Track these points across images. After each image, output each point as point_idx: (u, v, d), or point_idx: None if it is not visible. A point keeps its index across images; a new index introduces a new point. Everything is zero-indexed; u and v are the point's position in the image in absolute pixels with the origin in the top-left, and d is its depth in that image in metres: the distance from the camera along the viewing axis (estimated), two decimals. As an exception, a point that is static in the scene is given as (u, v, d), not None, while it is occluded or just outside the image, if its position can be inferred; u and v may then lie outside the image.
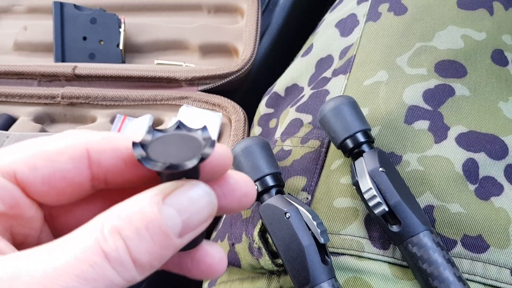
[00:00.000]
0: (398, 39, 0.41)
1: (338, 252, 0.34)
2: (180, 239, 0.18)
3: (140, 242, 0.17)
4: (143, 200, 0.18)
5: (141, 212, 0.17)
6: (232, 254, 0.37)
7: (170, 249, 0.18)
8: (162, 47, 0.64)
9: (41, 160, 0.19)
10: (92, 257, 0.16)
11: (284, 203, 0.33)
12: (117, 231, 0.17)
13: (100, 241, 0.16)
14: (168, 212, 0.17)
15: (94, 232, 0.17)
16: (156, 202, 0.17)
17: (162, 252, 0.17)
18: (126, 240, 0.17)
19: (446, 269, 0.30)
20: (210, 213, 0.19)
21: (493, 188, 0.34)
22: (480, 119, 0.37)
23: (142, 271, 0.17)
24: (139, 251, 0.17)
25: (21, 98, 0.60)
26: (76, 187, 0.20)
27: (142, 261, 0.17)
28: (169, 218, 0.17)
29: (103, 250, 0.16)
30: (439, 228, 0.33)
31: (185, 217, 0.18)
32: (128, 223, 0.17)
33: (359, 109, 0.35)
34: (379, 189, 0.32)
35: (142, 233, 0.17)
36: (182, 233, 0.18)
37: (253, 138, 0.36)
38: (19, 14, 0.71)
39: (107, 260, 0.16)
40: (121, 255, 0.17)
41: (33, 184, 0.19)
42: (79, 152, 0.19)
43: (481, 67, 0.39)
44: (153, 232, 0.17)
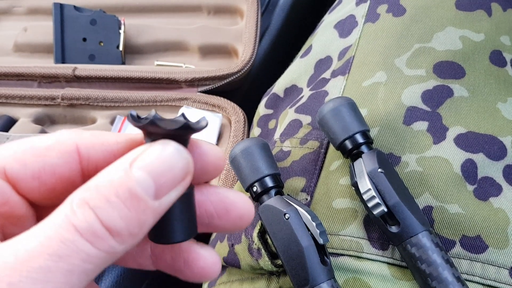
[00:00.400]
0: (397, 40, 0.41)
1: (337, 253, 0.34)
2: (157, 201, 0.17)
3: (111, 209, 0.16)
4: (111, 169, 0.17)
5: (108, 180, 0.17)
6: (232, 255, 0.37)
7: (147, 212, 0.17)
8: (162, 48, 0.65)
9: (31, 156, 0.19)
10: (63, 233, 0.16)
11: (284, 204, 0.33)
12: (85, 203, 0.16)
13: (69, 216, 0.16)
14: (136, 174, 0.17)
15: (64, 209, 0.17)
16: (123, 167, 0.17)
17: (139, 217, 0.17)
18: (95, 209, 0.16)
19: (445, 270, 0.30)
20: (184, 169, 0.18)
21: (492, 189, 0.34)
22: (478, 120, 0.37)
23: (121, 240, 0.17)
24: (111, 218, 0.16)
25: (21, 100, 0.60)
26: (66, 183, 0.20)
27: (117, 228, 0.16)
28: (138, 180, 0.17)
29: (73, 224, 0.16)
30: (438, 228, 0.33)
31: (156, 176, 0.17)
32: (95, 193, 0.17)
33: (358, 110, 0.35)
34: (378, 190, 0.32)
35: (111, 199, 0.16)
36: (158, 194, 0.17)
37: (252, 139, 0.36)
38: (19, 15, 0.71)
39: (78, 233, 0.16)
40: (92, 225, 0.16)
41: (23, 180, 0.19)
42: (68, 147, 0.19)
43: (480, 68, 0.39)
44: (124, 197, 0.17)
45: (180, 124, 0.18)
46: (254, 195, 0.35)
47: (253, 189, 0.35)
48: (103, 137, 0.20)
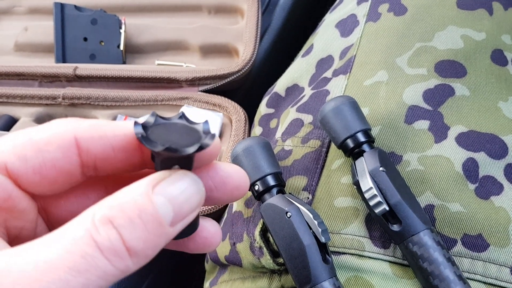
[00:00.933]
0: (398, 39, 0.41)
1: (339, 251, 0.34)
2: (172, 228, 0.18)
3: (134, 230, 0.17)
4: (134, 190, 0.18)
5: (133, 201, 0.17)
6: (233, 254, 0.37)
7: (163, 237, 0.18)
8: (162, 48, 0.65)
9: (31, 151, 0.19)
10: (84, 248, 0.16)
11: (285, 202, 0.33)
12: (109, 221, 0.17)
13: (91, 231, 0.16)
14: (159, 200, 0.18)
15: (85, 223, 0.17)
16: (147, 191, 0.18)
17: (156, 240, 0.17)
18: (119, 228, 0.17)
19: (447, 268, 0.30)
20: (199, 201, 0.19)
21: (493, 188, 0.34)
22: (480, 119, 0.37)
23: (136, 260, 0.17)
24: (133, 239, 0.17)
25: (22, 99, 0.60)
26: (67, 175, 0.20)
27: (137, 249, 0.17)
28: (160, 206, 0.18)
29: (95, 240, 0.16)
30: (439, 227, 0.33)
31: (176, 206, 0.18)
32: (120, 212, 0.17)
33: (359, 109, 0.36)
34: (379, 188, 0.32)
35: (135, 221, 0.17)
36: (174, 222, 0.18)
37: (254, 138, 0.36)
38: (19, 15, 0.71)
39: (99, 250, 0.16)
40: (114, 244, 0.16)
41: (24, 175, 0.19)
42: (67, 140, 0.20)
43: (481, 67, 0.39)
44: (146, 220, 0.17)
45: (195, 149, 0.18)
46: (256, 194, 0.35)
47: (255, 187, 0.35)
48: (102, 129, 0.20)
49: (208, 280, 0.43)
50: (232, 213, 0.39)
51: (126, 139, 0.20)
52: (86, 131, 0.20)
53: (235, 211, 0.39)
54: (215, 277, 0.42)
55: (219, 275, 0.41)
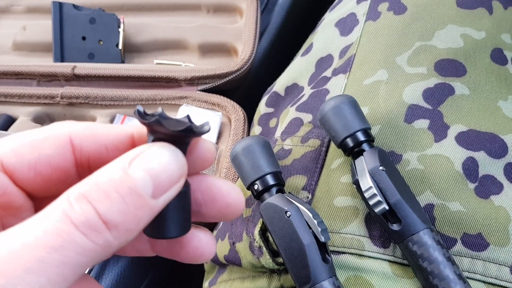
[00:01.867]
0: (398, 38, 0.41)
1: (339, 251, 0.34)
2: (155, 200, 0.18)
3: (110, 203, 0.17)
4: (110, 166, 0.18)
5: (108, 176, 0.17)
6: (233, 253, 0.37)
7: (145, 210, 0.18)
8: (161, 47, 0.64)
9: (27, 148, 0.20)
10: (59, 226, 0.16)
11: (285, 201, 0.33)
12: (84, 197, 0.17)
13: (66, 209, 0.16)
14: (136, 173, 0.18)
15: (61, 202, 0.17)
16: (122, 165, 0.18)
17: (137, 212, 0.17)
18: (94, 202, 0.17)
19: (446, 267, 0.30)
20: (180, 172, 0.19)
21: (493, 187, 0.34)
22: (479, 118, 0.37)
23: (117, 234, 0.17)
24: (109, 212, 0.17)
25: (20, 98, 0.60)
26: (61, 173, 0.20)
27: (115, 221, 0.17)
28: (138, 178, 0.17)
29: (69, 217, 0.16)
30: (439, 226, 0.33)
31: (154, 176, 0.18)
32: (95, 187, 0.17)
33: (359, 108, 0.35)
34: (379, 187, 0.32)
35: (111, 194, 0.17)
36: (156, 194, 0.18)
37: (254, 137, 0.36)
38: (18, 14, 0.71)
39: (74, 226, 0.16)
40: (90, 218, 0.16)
41: (19, 171, 0.20)
42: (62, 138, 0.20)
43: (481, 66, 0.39)
44: (123, 192, 0.17)
45: (184, 127, 0.18)
46: (255, 193, 0.35)
47: (254, 187, 0.35)
48: (95, 129, 0.21)
49: (207, 279, 0.43)
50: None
51: (119, 138, 0.20)
52: (80, 130, 0.20)
53: (235, 210, 0.39)
54: (214, 276, 0.41)
55: (218, 275, 0.41)
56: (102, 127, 0.21)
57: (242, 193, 0.22)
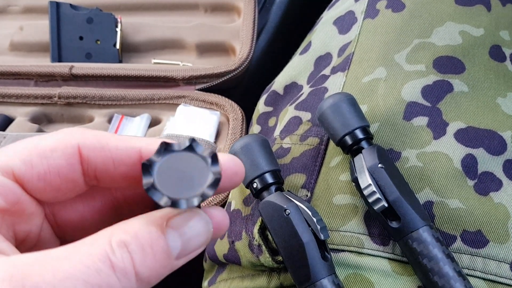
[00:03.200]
0: (396, 35, 0.41)
1: (338, 249, 0.34)
2: (177, 261, 0.19)
3: (144, 257, 0.18)
4: (149, 219, 0.19)
5: (147, 231, 0.19)
6: (232, 252, 0.37)
7: (168, 268, 0.19)
8: (159, 46, 0.64)
9: (36, 157, 0.20)
10: (99, 265, 0.17)
11: (284, 200, 0.33)
12: (125, 245, 0.18)
13: (108, 251, 0.18)
14: (170, 234, 0.19)
15: (102, 243, 0.18)
16: (161, 223, 0.19)
17: (161, 270, 0.19)
18: (132, 253, 0.18)
19: (446, 264, 0.30)
20: (206, 240, 0.20)
21: (492, 184, 0.34)
22: (478, 115, 0.37)
23: (140, 285, 0.18)
24: (142, 265, 0.18)
25: (18, 99, 0.59)
26: (70, 183, 0.21)
27: (143, 275, 0.18)
28: (171, 239, 0.19)
29: (110, 260, 0.18)
30: (438, 223, 0.33)
31: (185, 241, 0.19)
32: (135, 239, 0.18)
33: (357, 106, 0.35)
34: (378, 185, 0.32)
35: (147, 249, 0.18)
36: (180, 256, 0.19)
37: (252, 136, 0.36)
38: (15, 14, 0.71)
39: (113, 269, 0.17)
40: (126, 267, 0.18)
41: (30, 181, 0.20)
42: (71, 148, 0.20)
43: (479, 63, 0.39)
44: (157, 250, 0.19)
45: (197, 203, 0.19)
46: (254, 192, 0.35)
47: (253, 185, 0.35)
48: (104, 141, 0.21)
49: (207, 279, 0.42)
50: (230, 211, 0.39)
51: (127, 154, 0.21)
52: (89, 140, 0.21)
53: (234, 209, 0.39)
54: (213, 276, 0.41)
55: (217, 274, 0.41)
56: (112, 138, 0.21)
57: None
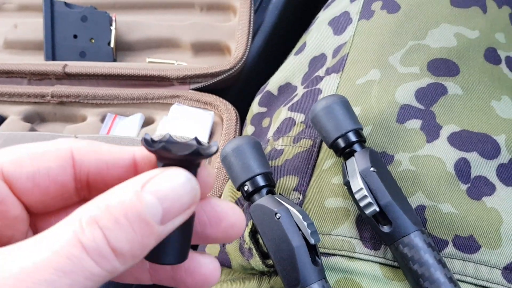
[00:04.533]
0: (391, 37, 0.41)
1: (329, 253, 0.33)
2: (162, 227, 0.18)
3: (119, 231, 0.17)
4: (122, 189, 0.18)
5: (119, 201, 0.17)
6: (223, 255, 0.37)
7: (152, 237, 0.17)
8: (154, 45, 0.64)
9: (27, 157, 0.20)
10: (70, 249, 0.16)
11: (275, 203, 0.32)
12: (95, 221, 0.17)
13: (77, 232, 0.16)
14: (147, 199, 0.17)
15: (72, 224, 0.17)
16: (135, 190, 0.17)
17: (143, 240, 0.17)
18: (104, 229, 0.17)
19: (437, 270, 0.30)
20: (192, 199, 0.18)
21: (485, 188, 0.34)
22: (472, 118, 0.36)
23: (123, 261, 0.17)
24: (118, 240, 0.17)
25: (10, 97, 0.59)
26: (59, 187, 0.20)
27: (123, 250, 0.17)
28: (148, 205, 0.17)
29: (81, 241, 0.16)
30: (430, 228, 0.32)
31: (166, 204, 0.17)
32: (106, 213, 0.17)
33: (350, 108, 0.35)
34: (370, 189, 0.32)
35: (120, 221, 0.17)
36: (164, 220, 0.18)
37: (244, 138, 0.36)
38: (9, 12, 0.70)
39: (85, 251, 0.16)
40: (99, 245, 0.16)
41: (18, 181, 0.20)
42: (63, 151, 0.20)
43: (474, 65, 0.39)
44: (132, 220, 0.17)
45: (191, 150, 0.18)
46: (245, 194, 0.34)
47: (244, 188, 0.34)
48: (98, 146, 0.21)
49: None
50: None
51: (121, 157, 0.21)
52: (83, 145, 0.20)
53: (225, 211, 0.38)
54: (204, 278, 0.41)
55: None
56: (105, 144, 0.21)
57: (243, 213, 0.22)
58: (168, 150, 0.18)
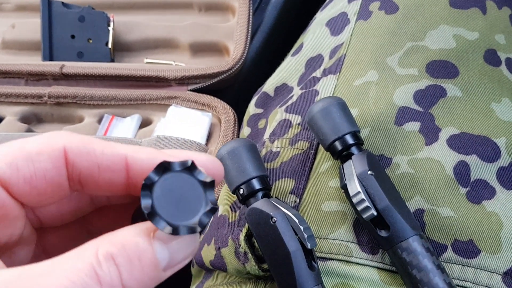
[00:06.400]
0: (389, 38, 0.40)
1: (326, 257, 0.33)
2: (164, 273, 0.19)
3: (132, 270, 0.18)
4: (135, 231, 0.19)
5: (134, 243, 0.18)
6: (218, 258, 0.36)
7: (155, 280, 0.19)
8: (151, 46, 0.63)
9: (22, 160, 0.20)
10: (86, 280, 0.17)
11: (271, 207, 0.32)
12: (111, 257, 0.18)
13: (94, 265, 0.17)
14: (158, 245, 0.19)
15: (88, 256, 0.18)
16: (148, 234, 0.19)
17: (148, 282, 0.18)
18: (119, 266, 0.18)
19: (436, 276, 0.29)
20: (193, 250, 0.20)
21: (485, 192, 0.33)
22: (472, 121, 0.36)
23: None
24: (129, 278, 0.18)
25: (7, 98, 0.58)
26: (56, 187, 0.21)
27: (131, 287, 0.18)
28: (158, 251, 0.19)
29: (97, 274, 0.17)
30: (429, 232, 0.32)
31: (172, 253, 0.19)
32: (122, 251, 0.18)
33: (348, 110, 0.34)
34: (367, 192, 0.31)
35: (134, 262, 0.18)
36: (167, 267, 0.19)
37: (240, 140, 0.35)
38: (7, 12, 0.70)
39: (99, 284, 0.17)
40: (113, 280, 0.17)
41: (15, 184, 0.20)
42: (57, 151, 0.20)
43: (474, 67, 0.38)
44: (145, 262, 0.18)
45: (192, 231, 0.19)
46: (240, 198, 0.34)
47: (239, 191, 0.34)
48: (91, 146, 0.21)
49: (194, 284, 0.42)
50: (217, 217, 0.38)
51: (113, 160, 0.21)
52: (75, 144, 0.20)
53: (221, 214, 0.38)
54: (200, 281, 0.40)
55: (204, 280, 0.40)
56: (99, 143, 0.21)
57: None
58: (176, 234, 0.18)
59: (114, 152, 0.21)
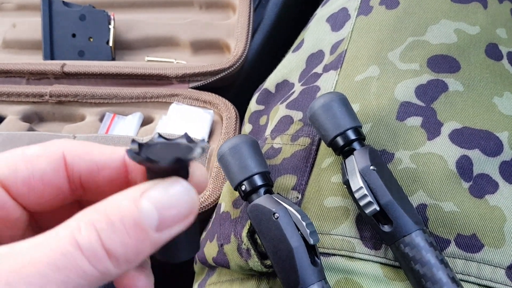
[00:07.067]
0: (390, 33, 0.40)
1: (329, 253, 0.33)
2: (158, 234, 0.18)
3: (114, 234, 0.17)
4: (122, 195, 0.18)
5: (117, 206, 0.18)
6: (221, 255, 0.36)
7: (146, 243, 0.18)
8: (152, 44, 0.63)
9: (21, 162, 0.20)
10: (65, 246, 0.17)
11: (273, 203, 0.32)
12: (92, 224, 0.17)
13: (74, 232, 0.17)
14: (145, 206, 0.18)
15: (71, 225, 0.17)
16: (133, 197, 0.18)
17: (138, 245, 0.18)
18: (100, 231, 0.17)
19: (439, 270, 0.29)
20: (190, 209, 0.19)
21: (488, 186, 0.33)
22: (474, 115, 0.36)
23: (117, 264, 0.18)
24: (112, 243, 0.17)
25: (9, 97, 0.58)
26: (54, 189, 0.21)
27: (116, 253, 0.17)
28: (145, 212, 0.18)
29: (76, 240, 0.17)
30: (432, 227, 0.32)
31: (162, 211, 0.18)
32: (103, 216, 0.17)
33: (349, 106, 0.34)
34: (370, 188, 0.31)
35: (116, 225, 0.17)
36: (160, 228, 0.18)
37: (241, 137, 0.35)
38: (8, 11, 0.70)
39: (80, 250, 0.17)
40: (94, 245, 0.17)
41: (14, 186, 0.20)
42: (56, 154, 0.21)
43: (475, 61, 0.38)
44: (128, 225, 0.17)
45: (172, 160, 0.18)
46: (243, 194, 0.34)
47: (241, 188, 0.34)
48: (89, 148, 0.21)
49: (197, 281, 0.42)
50: (220, 214, 0.38)
51: (111, 158, 0.21)
52: (74, 148, 0.21)
53: (223, 211, 0.38)
54: (203, 279, 0.40)
55: (207, 277, 0.40)
56: (97, 146, 0.21)
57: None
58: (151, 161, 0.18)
59: (112, 150, 0.21)
